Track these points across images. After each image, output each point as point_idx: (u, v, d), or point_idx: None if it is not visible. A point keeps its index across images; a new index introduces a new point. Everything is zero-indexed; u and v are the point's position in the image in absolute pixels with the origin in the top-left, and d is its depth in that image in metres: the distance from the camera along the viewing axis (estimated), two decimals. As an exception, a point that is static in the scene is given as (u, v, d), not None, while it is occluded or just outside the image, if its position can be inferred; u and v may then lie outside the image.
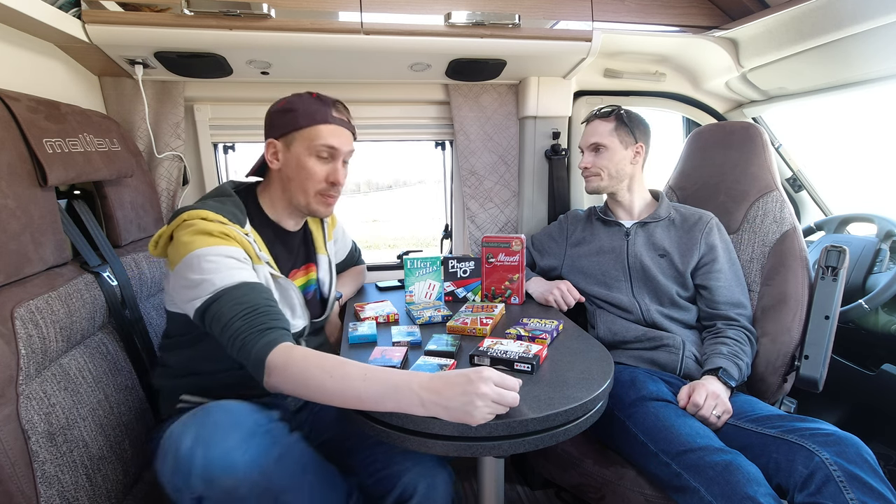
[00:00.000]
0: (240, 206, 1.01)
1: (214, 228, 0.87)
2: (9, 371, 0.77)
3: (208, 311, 0.83)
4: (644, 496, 1.03)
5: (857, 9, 1.13)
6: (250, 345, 0.80)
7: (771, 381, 1.27)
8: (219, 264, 0.84)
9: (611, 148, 1.36)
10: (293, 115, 1.02)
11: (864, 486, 0.85)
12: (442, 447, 0.79)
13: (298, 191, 1.04)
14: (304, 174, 1.02)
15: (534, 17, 1.37)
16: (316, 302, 1.18)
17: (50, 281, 0.93)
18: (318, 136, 1.01)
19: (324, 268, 1.21)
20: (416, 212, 10.02)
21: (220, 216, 0.91)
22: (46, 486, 0.80)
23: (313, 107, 1.02)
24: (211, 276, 0.83)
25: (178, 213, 0.90)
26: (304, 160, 1.02)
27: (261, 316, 0.82)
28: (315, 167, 1.03)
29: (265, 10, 1.20)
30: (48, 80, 1.18)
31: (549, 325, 1.14)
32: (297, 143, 1.02)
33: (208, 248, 0.85)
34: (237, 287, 0.83)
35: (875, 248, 1.54)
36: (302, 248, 1.17)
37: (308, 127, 1.01)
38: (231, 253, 0.87)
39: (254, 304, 0.83)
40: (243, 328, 0.81)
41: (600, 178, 1.38)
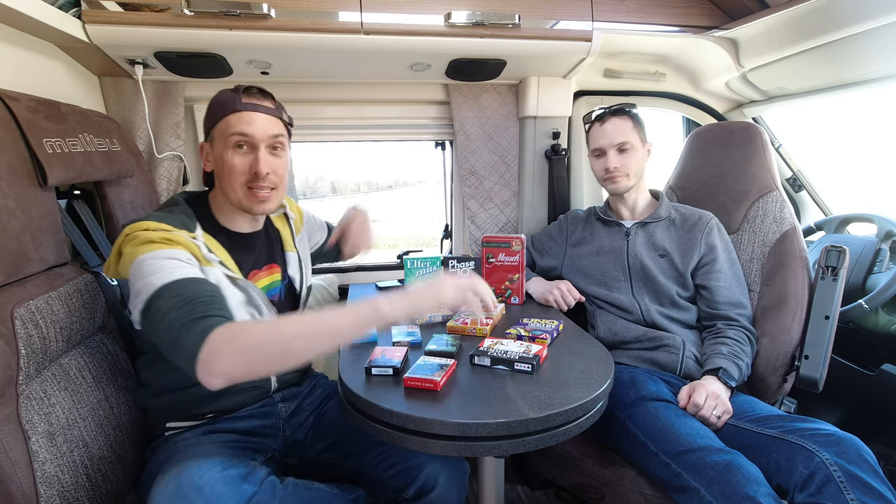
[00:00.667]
0: (188, 213, 0.96)
1: (156, 236, 0.83)
2: (9, 371, 0.77)
3: (149, 312, 0.75)
4: (644, 496, 1.03)
5: (857, 9, 1.13)
6: (185, 333, 0.70)
7: (771, 381, 1.27)
8: (160, 265, 0.79)
9: (635, 147, 1.33)
10: (210, 112, 0.99)
11: (864, 486, 0.85)
12: (442, 447, 0.79)
13: (228, 188, 0.98)
14: (227, 169, 0.96)
15: (534, 17, 1.37)
16: (282, 301, 1.13)
17: (50, 281, 0.93)
18: (229, 127, 0.95)
19: (293, 265, 1.15)
20: (416, 212, 10.00)
21: (163, 224, 0.86)
22: (46, 486, 0.80)
23: (225, 97, 0.97)
24: (150, 278, 0.77)
25: (123, 227, 0.87)
26: (223, 155, 0.96)
27: (200, 305, 0.74)
28: (233, 160, 0.95)
29: (265, 10, 1.20)
30: (48, 80, 1.18)
31: (549, 326, 1.14)
32: (216, 139, 0.98)
33: (148, 253, 0.80)
34: (176, 282, 0.76)
35: (875, 248, 1.54)
36: (264, 249, 1.10)
37: (220, 120, 0.96)
38: (172, 255, 0.82)
39: (192, 295, 0.75)
40: (179, 317, 0.72)
41: (628, 179, 1.34)
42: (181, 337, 0.70)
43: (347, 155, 14.66)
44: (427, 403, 0.82)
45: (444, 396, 0.84)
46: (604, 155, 1.35)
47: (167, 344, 0.73)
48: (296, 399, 1.11)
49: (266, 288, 1.08)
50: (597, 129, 1.37)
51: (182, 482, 0.72)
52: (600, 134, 1.36)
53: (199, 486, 0.71)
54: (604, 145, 1.34)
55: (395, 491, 0.98)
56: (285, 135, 1.03)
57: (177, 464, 0.77)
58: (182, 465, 0.75)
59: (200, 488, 0.71)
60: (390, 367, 0.92)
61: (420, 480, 0.96)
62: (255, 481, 0.77)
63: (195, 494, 0.70)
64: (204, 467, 0.74)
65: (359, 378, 0.92)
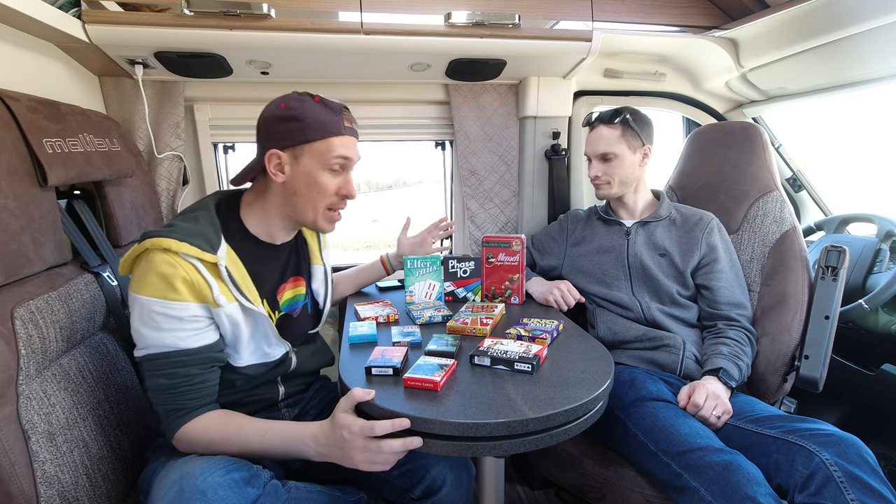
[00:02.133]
0: (216, 224, 0.93)
1: (170, 273, 0.82)
2: (9, 371, 0.77)
3: (142, 366, 0.87)
4: (644, 496, 1.03)
5: (857, 9, 1.13)
6: (163, 417, 0.87)
7: (771, 382, 1.27)
8: (160, 324, 0.83)
9: (620, 156, 1.33)
10: (301, 125, 0.92)
11: (864, 486, 0.85)
12: (442, 447, 0.79)
13: (307, 206, 0.96)
14: (316, 189, 0.95)
15: (534, 17, 1.37)
16: (307, 315, 1.12)
17: (50, 281, 0.92)
18: (333, 150, 0.93)
19: (318, 279, 1.14)
20: (417, 212, 10.00)
21: (185, 245, 0.83)
22: (47, 486, 0.80)
23: (323, 116, 0.93)
24: (147, 334, 0.84)
25: (145, 235, 0.85)
26: (316, 175, 0.94)
27: (179, 397, 0.86)
28: (328, 182, 0.95)
29: (265, 10, 1.20)
30: (48, 80, 1.18)
31: (549, 325, 1.14)
32: (308, 156, 0.93)
33: (156, 300, 0.82)
34: (167, 357, 0.85)
35: (875, 248, 1.54)
36: (292, 261, 1.08)
37: (320, 140, 0.93)
38: (176, 313, 0.83)
39: (177, 382, 0.85)
40: (160, 401, 0.87)
41: (611, 186, 1.36)
42: (160, 417, 0.88)
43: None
44: (427, 403, 0.82)
45: (444, 396, 0.84)
46: (590, 162, 1.40)
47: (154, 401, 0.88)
48: (300, 404, 1.11)
49: (289, 302, 1.07)
50: (588, 134, 1.41)
51: (185, 486, 0.72)
52: (588, 140, 1.40)
53: (202, 489, 0.71)
54: (588, 153, 1.40)
55: (401, 491, 0.99)
56: None
57: (179, 467, 0.77)
58: (184, 469, 0.75)
59: (203, 492, 0.71)
60: (390, 367, 0.92)
61: (427, 480, 0.96)
62: (259, 485, 0.76)
63: (198, 498, 0.70)
64: (207, 471, 0.74)
65: (359, 378, 0.92)
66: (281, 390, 1.06)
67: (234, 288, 0.89)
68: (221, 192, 1.04)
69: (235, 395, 0.97)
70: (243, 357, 0.95)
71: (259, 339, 0.96)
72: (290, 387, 1.08)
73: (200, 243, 0.86)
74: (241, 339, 0.93)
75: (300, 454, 0.85)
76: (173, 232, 0.84)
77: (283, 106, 0.93)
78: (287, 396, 1.08)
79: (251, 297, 0.92)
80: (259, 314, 0.93)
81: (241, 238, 0.98)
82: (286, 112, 0.93)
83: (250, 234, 1.00)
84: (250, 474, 0.77)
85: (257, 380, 1.00)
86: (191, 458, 0.79)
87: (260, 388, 1.02)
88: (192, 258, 0.84)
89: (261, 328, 0.95)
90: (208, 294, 0.86)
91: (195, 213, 0.93)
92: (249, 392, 1.00)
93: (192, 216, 0.92)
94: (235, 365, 0.95)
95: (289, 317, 1.06)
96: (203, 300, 0.86)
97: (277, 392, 1.05)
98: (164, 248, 0.82)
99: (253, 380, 0.99)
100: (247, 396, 1.00)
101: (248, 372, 0.96)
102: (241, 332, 0.92)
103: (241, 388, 0.98)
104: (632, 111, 1.34)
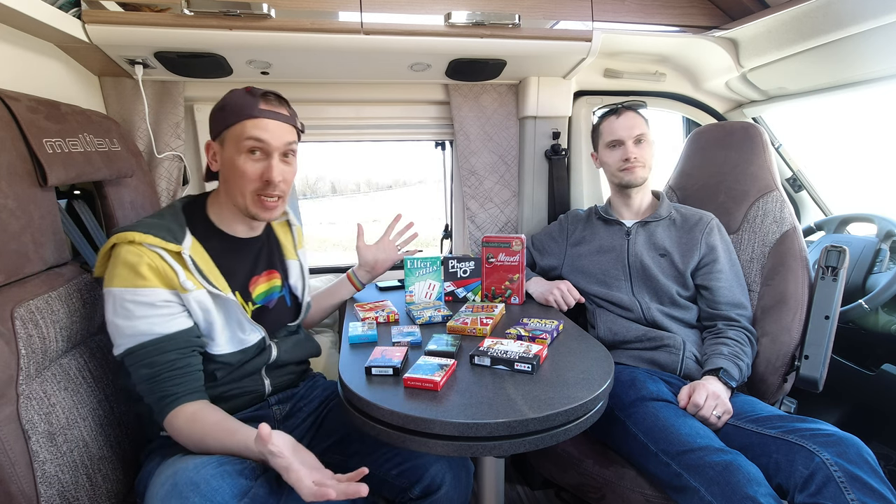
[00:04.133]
0: (179, 219, 0.96)
1: (135, 261, 0.85)
2: (9, 371, 0.77)
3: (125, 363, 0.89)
4: (644, 496, 1.03)
5: (857, 9, 1.13)
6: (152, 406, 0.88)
7: (771, 382, 1.27)
8: (132, 312, 0.86)
9: (649, 140, 1.38)
10: (222, 113, 0.97)
11: (864, 486, 0.85)
12: (443, 447, 0.79)
13: (236, 192, 0.98)
14: (237, 174, 0.96)
15: (534, 17, 1.37)
16: (285, 307, 1.13)
17: (50, 281, 0.92)
18: (245, 132, 0.94)
19: (295, 273, 1.16)
20: (416, 212, 10.01)
21: (149, 236, 0.87)
22: (47, 486, 0.80)
23: (241, 101, 0.96)
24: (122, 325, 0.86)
25: (112, 233, 0.89)
26: (234, 159, 0.96)
27: (163, 383, 0.87)
28: (245, 165, 0.95)
29: (265, 10, 1.20)
30: (48, 80, 1.18)
31: (549, 325, 1.14)
32: (228, 141, 0.97)
33: (126, 289, 0.85)
34: (143, 347, 0.87)
35: (875, 248, 1.54)
36: (263, 254, 1.10)
37: (236, 123, 0.95)
38: (147, 298, 0.86)
39: (157, 371, 0.87)
40: (147, 390, 0.88)
41: (644, 168, 1.37)
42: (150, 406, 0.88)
43: (347, 155, 14.66)
44: (427, 403, 0.82)
45: (444, 396, 0.84)
46: (621, 146, 1.37)
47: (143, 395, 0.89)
48: (291, 401, 1.11)
49: (263, 294, 1.08)
50: (612, 121, 1.39)
51: (178, 480, 0.72)
52: (618, 126, 1.37)
53: (195, 482, 0.72)
54: (622, 136, 1.36)
55: (399, 490, 0.99)
56: (297, 142, 1.03)
57: (172, 464, 0.78)
58: (178, 465, 0.76)
59: (196, 484, 0.71)
60: (390, 367, 0.92)
61: (426, 480, 0.97)
62: (252, 476, 0.77)
63: (191, 490, 0.70)
64: (199, 465, 0.75)
65: (359, 378, 0.92)
66: (267, 383, 1.06)
67: (199, 275, 0.91)
68: (189, 195, 1.09)
69: (219, 387, 0.98)
70: (219, 344, 0.96)
71: (233, 326, 0.97)
72: (275, 378, 1.08)
73: (163, 234, 0.90)
74: (215, 326, 0.94)
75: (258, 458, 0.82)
76: (137, 226, 0.89)
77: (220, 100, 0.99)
78: (275, 390, 1.08)
79: (219, 285, 0.94)
80: (228, 300, 0.95)
81: (206, 232, 1.01)
82: (218, 104, 0.99)
83: (215, 227, 1.03)
84: (243, 467, 0.78)
85: (239, 370, 1.00)
86: (184, 457, 0.80)
87: (244, 380, 1.02)
88: (155, 247, 0.88)
89: (233, 314, 0.97)
90: (174, 279, 0.88)
91: (161, 211, 0.99)
92: (234, 384, 1.00)
93: (159, 214, 0.98)
94: (212, 353, 0.95)
95: (264, 308, 1.08)
96: (171, 286, 0.89)
97: (264, 385, 1.05)
98: (129, 240, 0.87)
99: (235, 370, 0.99)
100: (232, 389, 1.00)
101: (227, 360, 0.97)
102: (214, 318, 0.93)
103: (225, 380, 0.99)
104: None
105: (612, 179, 1.43)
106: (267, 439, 0.74)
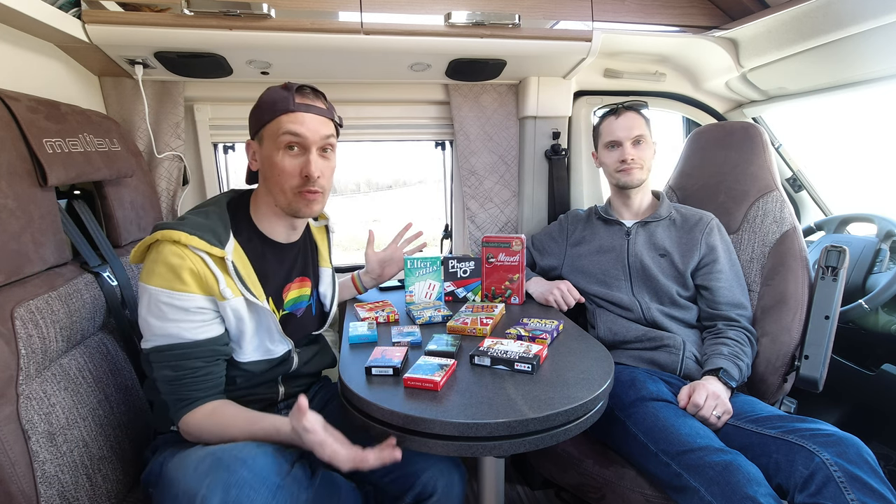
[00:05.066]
0: (225, 219, 0.95)
1: (178, 264, 0.84)
2: (9, 371, 0.77)
3: (149, 357, 0.89)
4: (644, 496, 1.03)
5: (857, 9, 1.13)
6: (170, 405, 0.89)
7: (771, 382, 1.27)
8: (167, 314, 0.85)
9: (648, 141, 1.37)
10: (259, 111, 0.96)
11: (864, 486, 0.85)
12: (443, 447, 0.79)
13: (277, 191, 0.96)
14: (277, 171, 0.94)
15: (534, 17, 1.37)
16: (311, 316, 1.12)
17: (50, 281, 0.92)
18: (281, 127, 0.92)
19: (326, 281, 1.16)
20: (416, 212, 10.01)
21: (194, 238, 0.85)
22: (47, 486, 0.80)
23: (276, 96, 0.94)
24: (154, 323, 0.86)
25: (158, 227, 0.87)
26: (273, 156, 0.94)
27: (184, 388, 0.88)
28: (284, 162, 0.93)
29: (265, 10, 1.20)
30: (48, 80, 1.18)
31: (549, 325, 1.14)
32: (266, 139, 0.95)
33: (163, 290, 0.84)
34: (172, 348, 0.87)
35: (875, 248, 1.54)
36: (299, 261, 1.09)
37: (271, 120, 0.93)
38: (183, 303, 0.85)
39: (182, 374, 0.87)
40: (167, 391, 0.89)
41: (642, 170, 1.36)
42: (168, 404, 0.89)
43: (347, 155, 14.67)
44: (427, 403, 0.82)
45: (444, 396, 0.84)
46: (619, 146, 1.36)
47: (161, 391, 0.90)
48: None
49: (293, 301, 1.07)
50: (612, 121, 1.38)
51: (222, 455, 0.72)
52: (616, 126, 1.37)
53: (240, 457, 0.72)
54: (621, 137, 1.35)
55: (392, 498, 0.97)
56: (335, 136, 1.01)
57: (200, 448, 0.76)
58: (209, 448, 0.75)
59: (243, 460, 0.72)
60: (390, 367, 0.92)
61: (417, 487, 0.95)
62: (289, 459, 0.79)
63: (238, 464, 0.71)
64: (241, 445, 0.75)
65: (359, 378, 0.92)
66: (281, 390, 1.06)
67: (239, 283, 0.90)
68: (235, 190, 1.06)
69: (235, 392, 0.97)
70: (246, 352, 0.95)
71: (262, 335, 0.97)
72: (290, 387, 1.08)
73: (209, 237, 0.88)
74: (245, 334, 0.94)
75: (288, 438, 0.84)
76: (184, 225, 0.87)
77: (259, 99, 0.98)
78: (287, 397, 1.08)
79: (256, 293, 0.93)
80: (263, 309, 0.94)
81: (249, 234, 1.00)
82: (256, 103, 0.98)
83: (258, 230, 1.01)
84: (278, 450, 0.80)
85: (258, 378, 1.00)
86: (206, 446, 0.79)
87: (260, 386, 1.02)
88: (200, 251, 0.86)
89: (264, 324, 0.96)
90: (214, 287, 0.87)
91: (206, 208, 0.96)
92: (250, 390, 1.00)
93: (204, 211, 0.94)
94: (238, 360, 0.95)
95: (292, 316, 1.07)
96: (209, 293, 0.88)
97: (277, 392, 1.05)
98: (173, 240, 0.85)
99: (254, 377, 0.99)
100: (247, 395, 1.00)
101: (251, 368, 0.97)
102: (246, 327, 0.93)
103: (242, 386, 0.98)
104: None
105: (610, 180, 1.43)
106: (304, 411, 0.77)
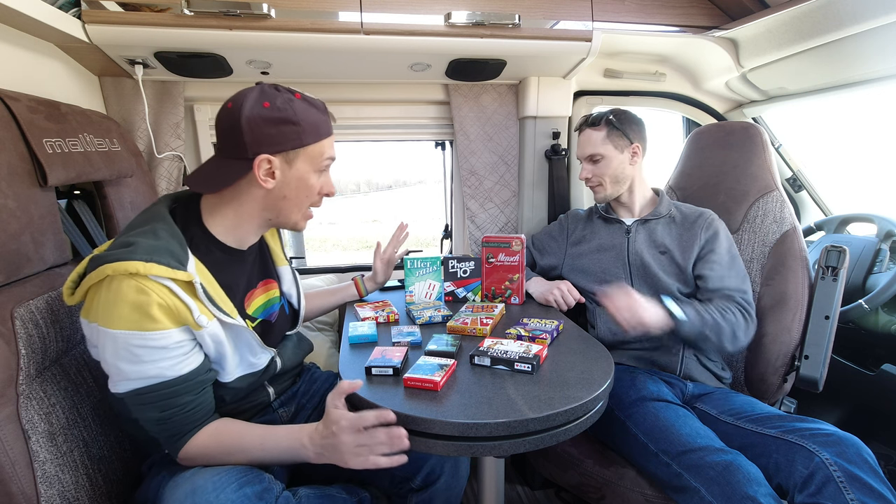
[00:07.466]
0: (177, 235, 0.82)
1: (143, 301, 0.73)
2: (9, 371, 0.77)
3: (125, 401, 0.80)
4: (644, 496, 1.04)
5: (857, 9, 1.13)
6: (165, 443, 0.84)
7: (771, 381, 1.27)
8: (140, 358, 0.76)
9: (607, 156, 1.34)
10: (296, 129, 0.85)
11: (864, 486, 0.85)
12: (443, 447, 0.79)
13: (293, 209, 0.92)
14: (306, 192, 0.91)
15: (534, 17, 1.37)
16: (286, 316, 1.09)
17: (50, 281, 0.92)
18: (324, 152, 0.91)
19: (287, 280, 1.10)
20: (416, 212, 10.03)
21: (153, 265, 0.73)
22: (47, 486, 0.80)
23: (315, 118, 0.89)
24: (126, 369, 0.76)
25: (98, 261, 0.74)
26: (308, 178, 0.90)
27: (172, 425, 0.81)
28: (317, 182, 0.93)
29: (265, 10, 1.20)
30: (48, 80, 1.18)
31: (549, 325, 1.14)
32: (302, 160, 0.88)
33: (132, 332, 0.74)
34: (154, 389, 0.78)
35: (875, 248, 1.54)
36: (257, 264, 1.02)
37: (315, 143, 0.89)
38: (159, 343, 0.76)
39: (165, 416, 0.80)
40: (159, 431, 0.82)
41: (603, 188, 1.37)
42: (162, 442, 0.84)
43: (347, 155, 14.70)
44: (427, 403, 0.82)
45: (444, 396, 0.84)
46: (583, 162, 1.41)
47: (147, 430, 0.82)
48: (294, 400, 1.10)
49: (263, 307, 1.02)
50: (578, 139, 1.43)
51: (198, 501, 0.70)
52: (578, 144, 1.43)
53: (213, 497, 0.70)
54: (579, 155, 1.42)
55: (401, 481, 1.00)
56: None
57: (189, 479, 0.75)
58: (195, 482, 0.73)
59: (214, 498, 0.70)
60: (390, 367, 0.92)
61: (426, 469, 0.99)
62: (271, 499, 0.75)
63: None
64: (219, 485, 0.72)
65: (359, 378, 0.92)
66: (271, 391, 1.04)
67: (211, 305, 0.82)
68: (171, 198, 0.93)
69: (227, 406, 0.93)
70: (230, 372, 0.90)
71: (244, 351, 0.92)
72: (278, 385, 1.06)
73: (168, 260, 0.76)
74: (226, 356, 0.87)
75: (300, 458, 0.83)
76: (134, 252, 0.74)
77: (269, 105, 0.83)
78: (278, 395, 1.07)
79: (228, 311, 0.86)
80: (239, 327, 0.88)
81: (206, 246, 0.89)
82: (276, 114, 0.84)
83: (217, 240, 0.91)
84: (262, 488, 0.75)
85: (246, 390, 0.96)
86: (200, 470, 0.77)
87: (250, 395, 0.99)
88: (163, 279, 0.75)
89: (243, 339, 0.91)
90: (188, 317, 0.78)
91: (150, 225, 0.82)
92: (240, 402, 0.97)
93: (149, 230, 0.80)
94: (223, 381, 0.90)
95: (268, 323, 1.02)
96: (183, 323, 0.79)
97: (268, 395, 1.03)
98: (129, 272, 0.72)
99: (242, 391, 0.95)
100: (239, 406, 0.97)
101: (237, 385, 0.92)
102: (225, 349, 0.87)
103: (232, 401, 0.94)
104: (616, 112, 1.35)
105: None
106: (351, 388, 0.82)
